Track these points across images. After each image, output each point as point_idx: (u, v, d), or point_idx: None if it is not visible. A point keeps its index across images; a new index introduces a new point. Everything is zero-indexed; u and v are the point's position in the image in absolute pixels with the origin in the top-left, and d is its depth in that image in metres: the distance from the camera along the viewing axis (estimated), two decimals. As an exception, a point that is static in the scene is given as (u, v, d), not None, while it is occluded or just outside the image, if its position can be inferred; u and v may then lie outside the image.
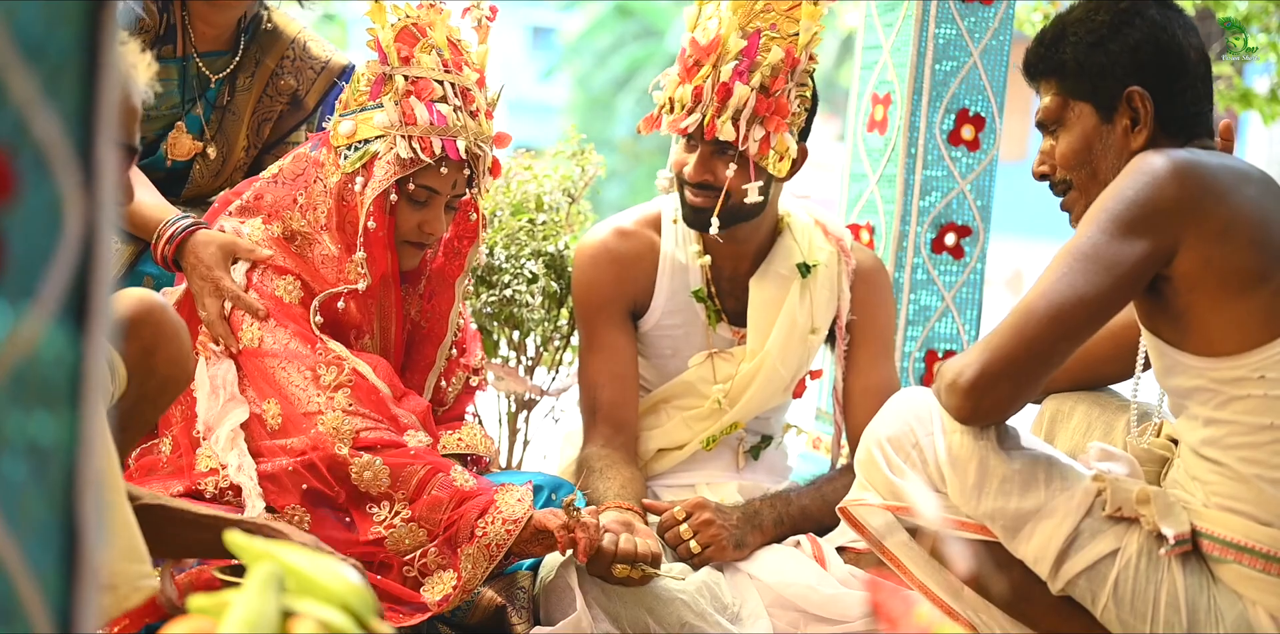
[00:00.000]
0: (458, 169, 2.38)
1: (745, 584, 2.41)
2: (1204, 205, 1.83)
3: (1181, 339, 1.88)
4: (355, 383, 2.29)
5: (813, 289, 2.71)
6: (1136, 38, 1.98)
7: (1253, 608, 1.83)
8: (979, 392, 1.86)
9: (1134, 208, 1.84)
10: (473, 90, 2.40)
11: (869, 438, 2.04)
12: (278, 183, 2.45)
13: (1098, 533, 1.88)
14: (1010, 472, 1.90)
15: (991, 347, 1.87)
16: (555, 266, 2.97)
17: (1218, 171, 1.87)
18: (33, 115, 0.73)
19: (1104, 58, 1.99)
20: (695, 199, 2.58)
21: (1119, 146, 1.99)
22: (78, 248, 0.75)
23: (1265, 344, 1.82)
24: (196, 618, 1.15)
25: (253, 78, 2.80)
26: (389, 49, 2.36)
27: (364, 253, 2.36)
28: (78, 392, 0.75)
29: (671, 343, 2.73)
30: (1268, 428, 1.83)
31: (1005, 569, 1.93)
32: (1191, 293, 1.84)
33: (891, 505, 1.99)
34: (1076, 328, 1.85)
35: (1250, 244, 1.82)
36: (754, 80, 2.50)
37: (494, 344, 3.03)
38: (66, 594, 0.75)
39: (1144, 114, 1.97)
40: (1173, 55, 1.98)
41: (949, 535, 1.92)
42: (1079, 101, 2.02)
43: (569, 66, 22.84)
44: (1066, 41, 2.02)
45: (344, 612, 1.14)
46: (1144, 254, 1.83)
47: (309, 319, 2.35)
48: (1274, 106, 5.51)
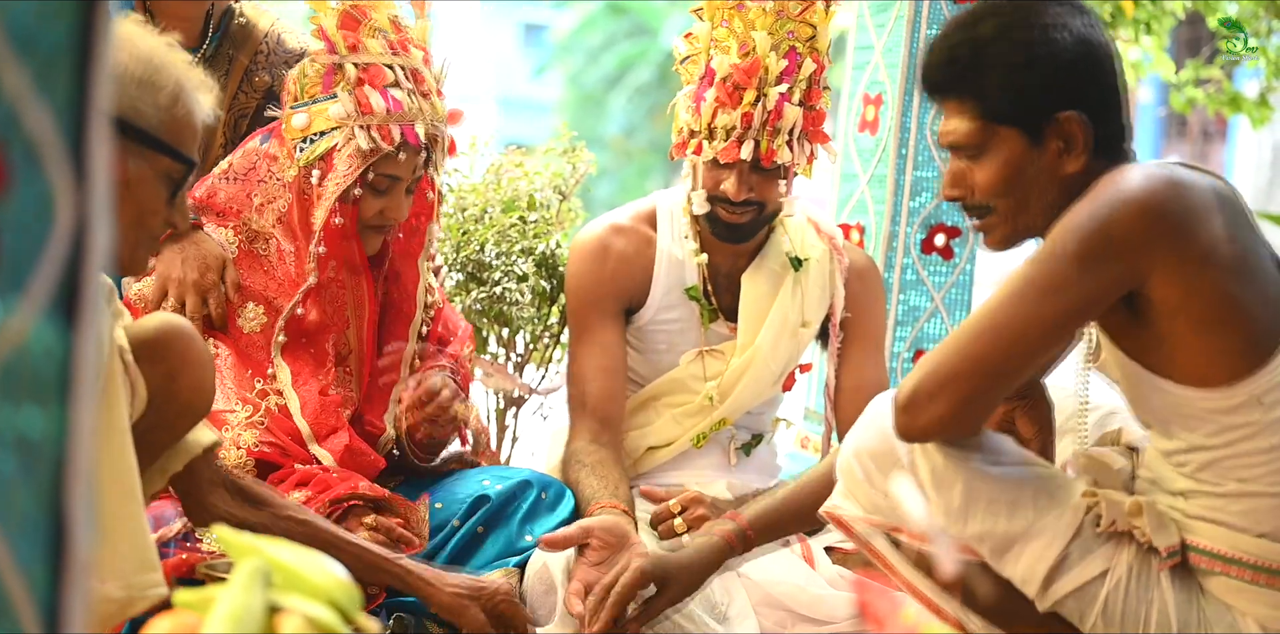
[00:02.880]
0: (416, 153, 2.36)
1: (733, 583, 2.41)
2: (1184, 232, 1.73)
3: (1166, 366, 1.80)
4: (270, 423, 2.32)
5: (804, 284, 2.71)
6: (1065, 58, 1.83)
7: (1242, 619, 1.81)
8: (914, 408, 1.79)
9: (1104, 235, 1.73)
10: (422, 70, 2.39)
11: (849, 448, 1.97)
12: (229, 179, 2.44)
13: (1087, 553, 1.83)
14: (997, 492, 1.84)
15: (932, 362, 1.79)
16: (545, 265, 2.97)
17: (1197, 193, 1.75)
18: (24, 109, 0.73)
19: (1031, 81, 1.83)
20: (734, 217, 2.57)
21: (1050, 173, 1.85)
22: (68, 242, 0.75)
23: (1256, 370, 1.75)
24: (182, 613, 1.15)
25: (226, 75, 2.74)
26: (335, 38, 2.33)
27: (324, 248, 2.36)
28: (67, 385, 0.75)
29: (667, 338, 2.73)
30: (1267, 450, 1.77)
31: (991, 584, 1.87)
32: (1174, 319, 1.76)
33: (873, 520, 1.95)
34: (1024, 349, 1.78)
35: (1231, 270, 1.74)
36: (795, 97, 2.52)
37: (484, 341, 3.03)
38: (54, 590, 0.75)
39: (1077, 139, 1.83)
40: (1101, 72, 1.85)
41: (936, 547, 1.87)
42: (1004, 127, 1.85)
43: (561, 64, 22.82)
44: (985, 62, 1.84)
45: (330, 607, 1.14)
46: (1106, 282, 1.75)
47: (264, 346, 2.37)
48: (1263, 111, 5.52)
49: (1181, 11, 5.31)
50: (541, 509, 2.42)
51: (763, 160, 2.51)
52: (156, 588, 1.60)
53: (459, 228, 2.98)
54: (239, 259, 2.42)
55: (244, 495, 2.06)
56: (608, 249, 2.69)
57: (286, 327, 2.38)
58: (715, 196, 2.57)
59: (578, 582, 2.21)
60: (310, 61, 2.37)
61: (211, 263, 2.38)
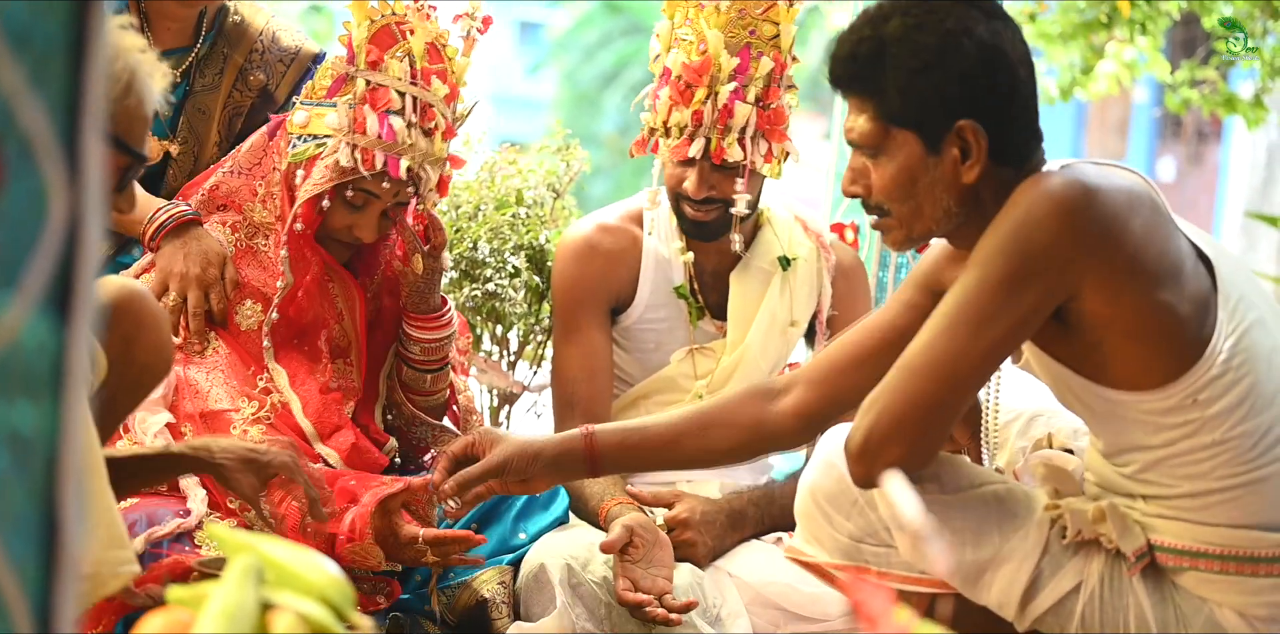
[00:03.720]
0: (399, 183, 2.32)
1: (725, 582, 2.41)
2: (1108, 243, 1.71)
3: (1099, 372, 1.78)
4: (275, 420, 2.31)
5: (793, 283, 2.72)
6: (966, 65, 1.77)
7: (1219, 609, 1.81)
8: (870, 457, 1.76)
9: (1026, 254, 1.71)
10: (435, 106, 2.34)
11: (806, 489, 1.93)
12: (235, 173, 2.44)
13: (1058, 569, 1.82)
14: (959, 523, 1.83)
15: (877, 408, 1.76)
16: (536, 260, 2.97)
17: (1115, 198, 1.73)
18: (18, 105, 0.73)
19: (930, 87, 1.78)
20: (699, 215, 2.58)
21: (948, 180, 1.81)
22: (62, 237, 0.75)
23: (1188, 370, 1.74)
24: (175, 610, 1.15)
25: (221, 74, 2.73)
26: (359, 49, 2.31)
27: (286, 250, 2.35)
28: (60, 381, 0.75)
29: (655, 336, 2.73)
30: (1209, 445, 1.76)
31: (969, 612, 1.86)
32: (1106, 328, 1.74)
33: (840, 565, 1.90)
34: (962, 383, 1.76)
35: (1157, 273, 1.73)
36: (750, 96, 2.51)
37: (477, 338, 3.03)
38: (46, 585, 0.75)
39: (976, 148, 1.78)
40: (1005, 80, 1.80)
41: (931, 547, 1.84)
42: (900, 129, 1.81)
43: (556, 62, 22.81)
44: (886, 63, 1.79)
45: (323, 604, 1.14)
46: (1037, 301, 1.72)
47: (260, 344, 2.37)
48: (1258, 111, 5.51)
49: (1177, 12, 5.31)
50: (535, 507, 2.42)
51: (714, 158, 2.51)
52: (128, 564, 1.59)
53: (452, 225, 2.98)
54: (236, 256, 2.42)
55: None
56: (594, 248, 2.69)
57: (274, 329, 2.38)
58: (679, 194, 2.58)
59: (625, 580, 2.25)
60: (330, 64, 2.36)
61: (213, 258, 2.38)
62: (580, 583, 2.26)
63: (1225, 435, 1.76)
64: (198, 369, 2.33)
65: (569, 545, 2.32)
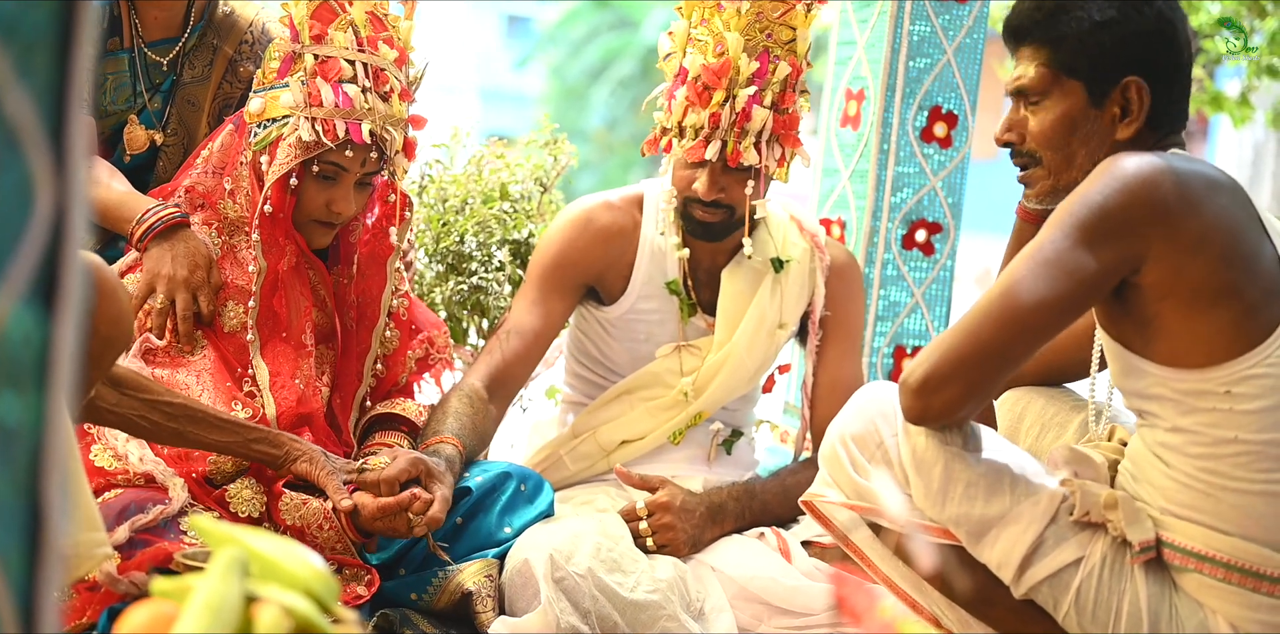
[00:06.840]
0: (365, 150, 2.34)
1: (708, 577, 2.42)
2: (1176, 217, 1.78)
3: (1146, 347, 1.84)
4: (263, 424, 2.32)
5: (784, 284, 2.72)
6: (1146, 26, 1.89)
7: (1213, 616, 1.82)
8: (928, 391, 1.82)
9: (1102, 216, 1.78)
10: (387, 70, 2.36)
11: (834, 434, 2.00)
12: (208, 172, 2.44)
13: (1062, 541, 1.85)
14: (975, 476, 1.87)
15: (943, 347, 1.82)
16: (522, 255, 2.97)
17: (1192, 180, 1.80)
18: (4, 94, 0.73)
19: (1109, 40, 1.90)
20: (706, 216, 2.59)
21: (1103, 134, 1.92)
22: (48, 228, 0.75)
23: (1233, 359, 1.78)
24: (159, 602, 1.15)
25: (210, 66, 2.72)
26: (301, 26, 2.32)
27: (259, 235, 2.35)
28: (45, 373, 0.75)
29: (646, 327, 2.73)
30: (1231, 441, 1.79)
31: (969, 571, 1.90)
32: (1161, 302, 1.80)
33: (854, 505, 1.97)
34: (1032, 332, 1.81)
35: (1222, 257, 1.78)
36: (767, 100, 2.51)
37: (463, 332, 3.03)
38: (29, 575, 0.75)
39: (1137, 106, 1.90)
40: (1175, 51, 1.91)
41: (914, 535, 1.91)
42: (1070, 79, 1.93)
43: (544, 56, 22.79)
44: (1070, 13, 1.91)
45: (307, 597, 1.14)
46: (1108, 263, 1.79)
47: (247, 344, 2.37)
48: (1245, 110, 5.53)
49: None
50: (520, 501, 2.42)
51: (729, 161, 2.52)
52: (103, 546, 1.58)
53: (439, 219, 2.97)
54: (219, 258, 2.41)
55: (121, 384, 2.06)
56: (591, 221, 2.70)
57: (260, 322, 2.37)
58: (688, 195, 2.58)
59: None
60: (275, 47, 2.36)
61: (200, 260, 2.37)
62: (564, 576, 2.25)
63: (1249, 437, 1.79)
64: (187, 372, 2.32)
65: (553, 538, 2.31)
